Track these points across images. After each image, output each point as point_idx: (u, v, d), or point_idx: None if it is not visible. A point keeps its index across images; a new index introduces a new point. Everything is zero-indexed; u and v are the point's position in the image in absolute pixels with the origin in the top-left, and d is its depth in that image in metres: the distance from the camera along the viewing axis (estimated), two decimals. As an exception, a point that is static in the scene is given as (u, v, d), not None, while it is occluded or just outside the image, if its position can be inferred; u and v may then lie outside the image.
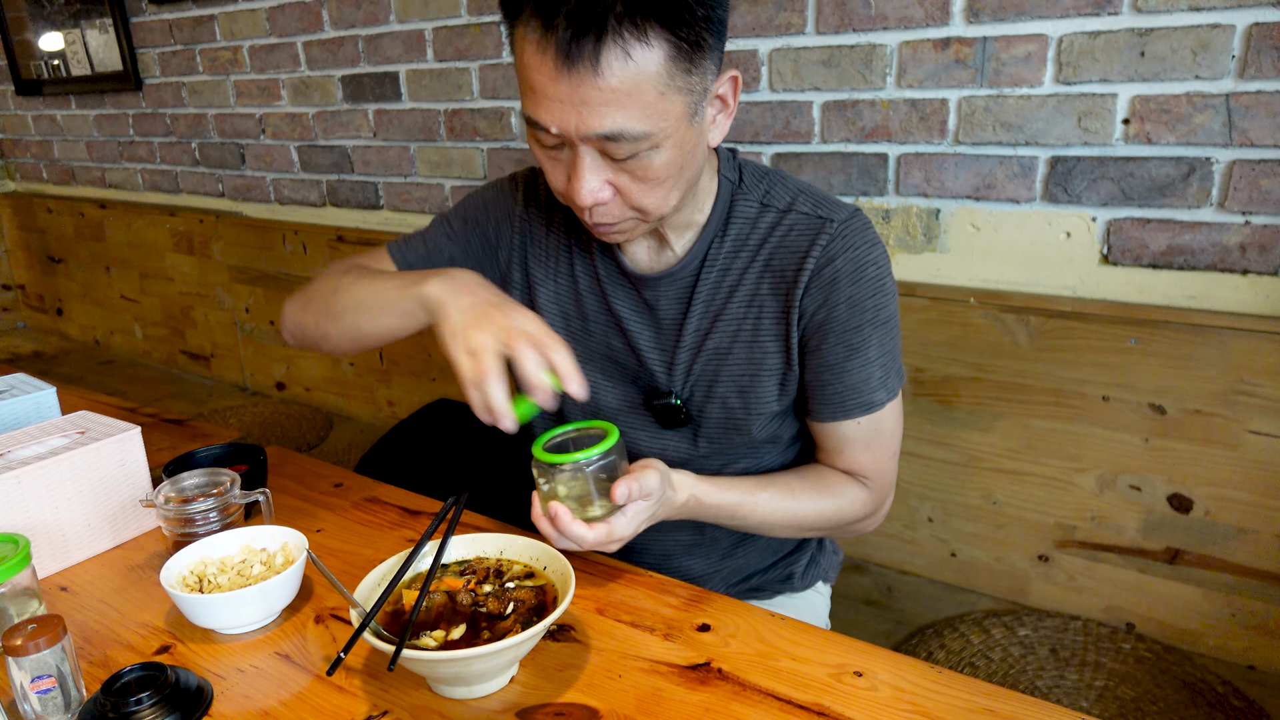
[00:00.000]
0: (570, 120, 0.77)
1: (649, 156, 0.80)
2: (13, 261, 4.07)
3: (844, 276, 0.92)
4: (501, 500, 1.20)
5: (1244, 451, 1.42)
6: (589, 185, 0.81)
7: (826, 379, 0.95)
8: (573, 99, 0.76)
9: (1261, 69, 1.32)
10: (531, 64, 0.77)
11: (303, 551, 0.89)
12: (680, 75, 0.77)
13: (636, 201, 0.84)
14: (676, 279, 0.97)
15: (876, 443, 0.99)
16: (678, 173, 0.84)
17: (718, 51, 0.81)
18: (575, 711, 0.74)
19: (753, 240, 0.95)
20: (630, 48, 0.73)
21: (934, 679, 0.77)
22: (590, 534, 0.81)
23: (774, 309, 0.95)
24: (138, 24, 3.00)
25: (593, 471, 0.81)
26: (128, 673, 0.75)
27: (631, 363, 1.02)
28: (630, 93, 0.75)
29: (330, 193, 2.72)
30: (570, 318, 1.04)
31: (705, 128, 0.85)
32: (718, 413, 0.99)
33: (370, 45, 2.41)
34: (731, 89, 0.86)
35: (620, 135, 0.77)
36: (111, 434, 1.04)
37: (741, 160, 0.99)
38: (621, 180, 0.82)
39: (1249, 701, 1.40)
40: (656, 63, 0.75)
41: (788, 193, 0.96)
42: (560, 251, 1.05)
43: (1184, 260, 1.46)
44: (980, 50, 1.53)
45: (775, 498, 0.96)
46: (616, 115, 0.76)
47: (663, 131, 0.79)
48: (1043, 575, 1.66)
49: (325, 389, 2.88)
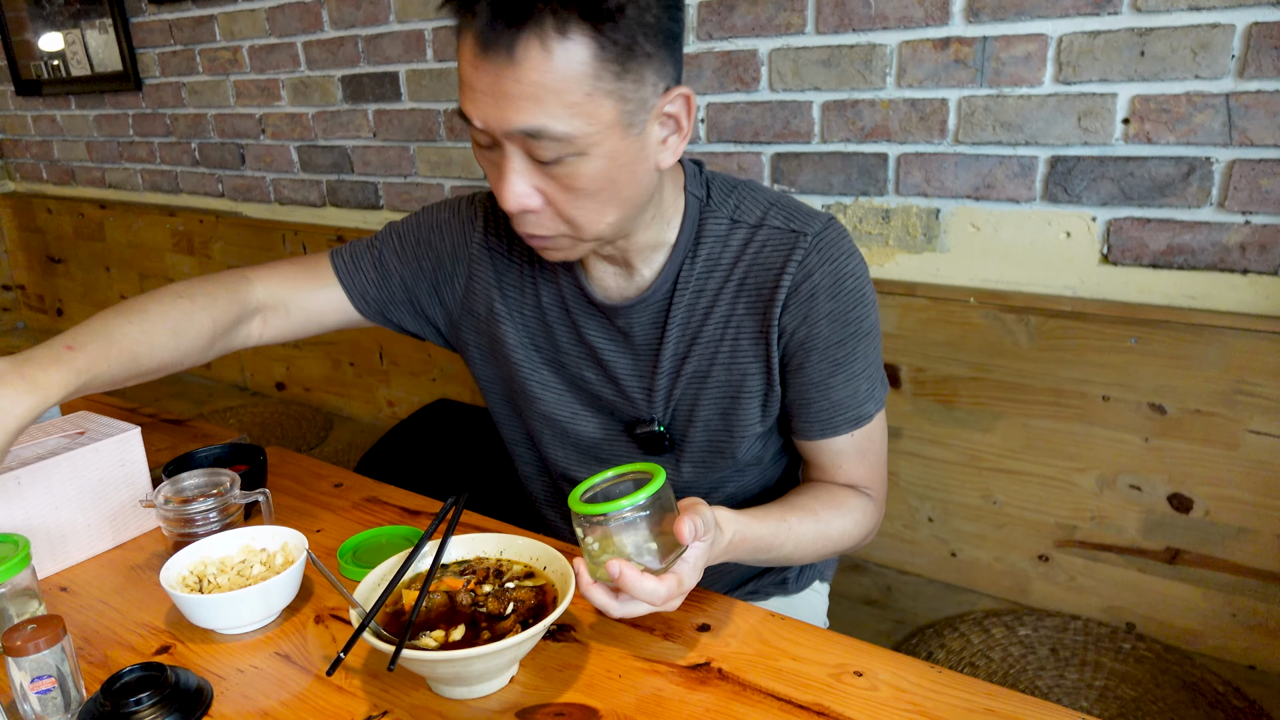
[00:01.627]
0: (491, 113, 0.75)
1: (576, 164, 0.77)
2: (13, 262, 4.07)
3: (823, 291, 0.89)
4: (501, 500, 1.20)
5: (1244, 451, 1.42)
6: (514, 188, 0.78)
7: (812, 396, 0.93)
8: (493, 91, 0.74)
9: (1261, 69, 1.32)
10: (461, 54, 0.75)
11: (303, 552, 0.89)
12: (609, 78, 0.74)
13: (566, 213, 0.81)
14: (649, 304, 0.94)
15: (870, 452, 0.98)
16: (610, 187, 0.80)
17: (661, 62, 0.77)
18: (575, 711, 0.74)
19: (725, 259, 0.93)
20: (548, 39, 0.71)
21: (934, 679, 0.77)
22: (663, 587, 0.71)
23: (752, 328, 0.92)
24: (138, 24, 3.00)
25: (649, 515, 0.72)
26: (128, 673, 0.74)
27: (609, 392, 1.00)
28: (552, 88, 0.72)
29: (330, 193, 2.72)
30: (542, 349, 1.02)
31: (650, 146, 0.81)
32: (701, 437, 0.98)
33: (370, 45, 2.41)
34: (684, 108, 0.81)
35: (541, 133, 0.74)
36: (111, 434, 1.04)
37: (709, 174, 0.96)
38: (550, 188, 0.79)
39: (1249, 701, 1.40)
40: (580, 61, 0.72)
41: (758, 206, 0.93)
42: (525, 283, 1.01)
43: (1184, 260, 1.46)
44: (980, 50, 1.53)
45: (803, 521, 0.91)
46: (535, 111, 0.73)
47: (588, 137, 0.75)
48: (1043, 575, 1.66)
49: (325, 389, 2.88)
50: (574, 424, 1.03)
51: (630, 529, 0.71)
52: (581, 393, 1.02)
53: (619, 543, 0.72)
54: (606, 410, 1.01)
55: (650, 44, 0.75)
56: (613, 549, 0.72)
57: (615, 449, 1.03)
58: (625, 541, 0.72)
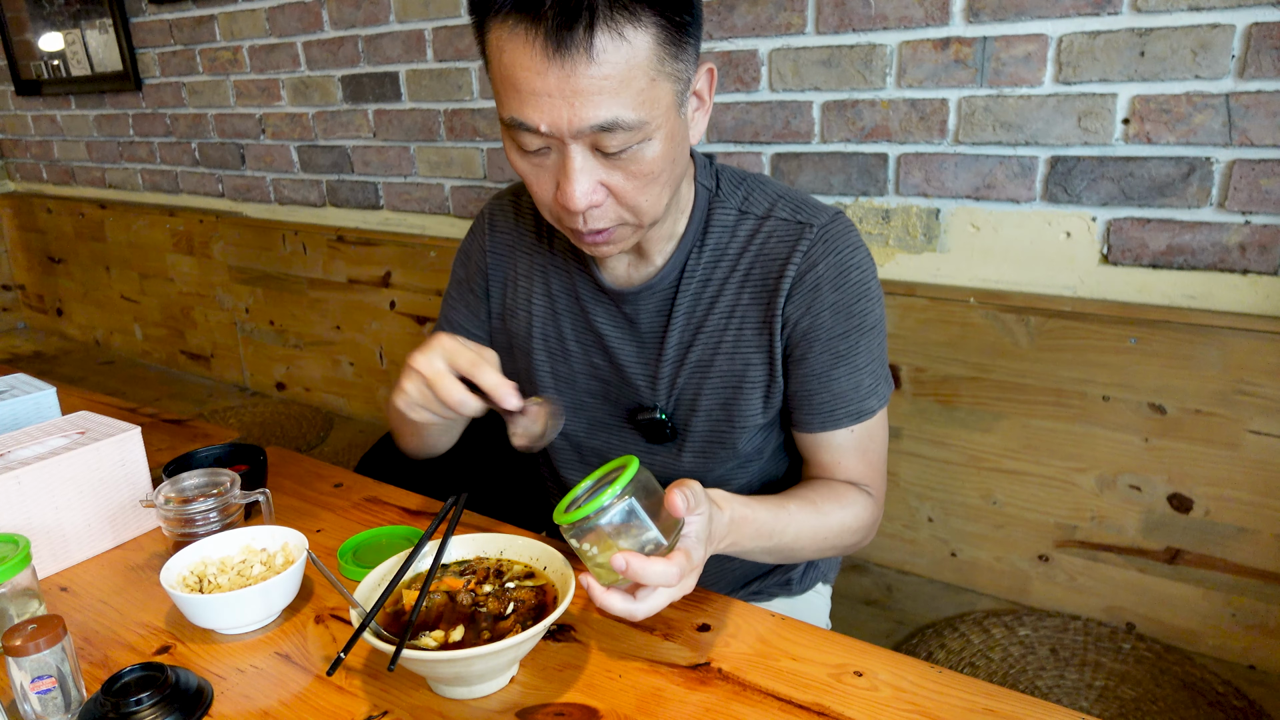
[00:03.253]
0: (562, 115, 0.73)
1: (642, 150, 0.77)
2: (13, 261, 4.07)
3: (827, 282, 0.90)
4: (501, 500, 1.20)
5: (1244, 451, 1.42)
6: (581, 187, 0.77)
7: (813, 388, 0.93)
8: (564, 91, 0.72)
9: (1261, 69, 1.32)
10: (515, 60, 0.73)
11: (303, 552, 0.89)
12: (669, 60, 0.74)
13: (631, 201, 0.80)
14: (655, 291, 0.95)
15: (871, 450, 0.97)
16: (669, 167, 0.80)
17: (698, 39, 0.78)
18: (575, 711, 0.74)
19: (732, 249, 0.93)
20: (623, 29, 0.70)
21: (934, 679, 0.77)
22: (673, 566, 0.69)
23: (756, 319, 0.93)
24: (138, 24, 3.00)
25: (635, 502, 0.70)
26: (128, 673, 0.74)
27: (614, 379, 1.00)
28: (624, 79, 0.72)
29: (330, 193, 2.72)
30: (549, 338, 1.03)
31: (688, 123, 0.83)
32: (702, 426, 0.98)
33: (370, 45, 2.41)
34: (708, 83, 0.83)
35: (615, 125, 0.73)
36: (111, 434, 1.04)
37: (718, 167, 0.97)
38: (614, 179, 0.78)
39: (1249, 701, 1.40)
40: (648, 46, 0.72)
41: (766, 198, 0.94)
42: (534, 273, 1.03)
43: (1184, 260, 1.46)
44: (980, 50, 1.53)
45: (802, 509, 0.89)
46: (611, 104, 0.72)
47: (655, 121, 0.75)
48: (1043, 575, 1.66)
49: (325, 389, 2.88)
50: (580, 412, 1.04)
51: (621, 522, 0.70)
52: (589, 379, 1.02)
53: (615, 539, 0.71)
54: (612, 396, 1.02)
55: (693, 20, 0.76)
56: (612, 547, 0.71)
57: (618, 437, 1.03)
58: (621, 535, 0.71)
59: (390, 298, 2.57)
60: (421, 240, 2.46)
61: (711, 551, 0.78)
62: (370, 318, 2.66)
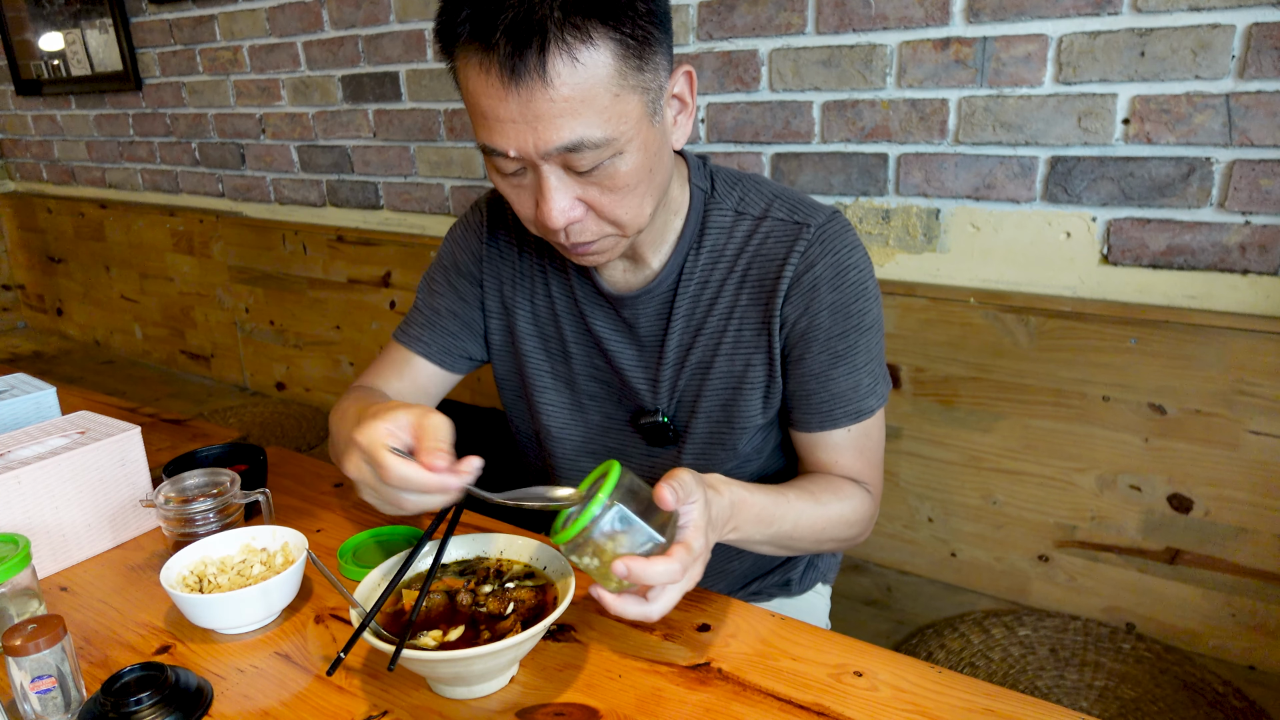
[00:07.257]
0: (527, 139, 0.74)
1: (615, 164, 0.77)
2: (13, 261, 4.07)
3: (825, 282, 0.90)
4: (501, 500, 1.20)
5: (1244, 451, 1.42)
6: (558, 205, 0.78)
7: (812, 388, 0.93)
8: (525, 116, 0.72)
9: (1261, 69, 1.32)
10: (478, 89, 0.74)
11: (303, 551, 0.89)
12: (632, 74, 0.74)
13: (611, 214, 0.80)
14: (654, 295, 0.95)
15: (869, 450, 0.97)
16: (648, 177, 0.80)
17: (666, 46, 0.78)
18: (575, 711, 0.74)
19: (729, 250, 0.93)
20: (575, 51, 0.70)
21: (934, 679, 0.77)
22: (674, 561, 0.69)
23: (754, 319, 0.93)
24: (138, 24, 3.00)
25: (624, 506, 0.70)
26: (128, 673, 0.74)
27: (615, 383, 1.01)
28: (584, 99, 0.72)
29: (330, 193, 2.72)
30: (549, 340, 1.03)
31: (668, 129, 0.82)
32: (703, 427, 0.98)
33: (370, 45, 2.41)
34: (687, 86, 0.83)
35: (581, 145, 0.74)
36: (111, 434, 1.04)
37: (713, 167, 0.97)
38: (591, 194, 0.79)
39: (1249, 702, 1.40)
40: (606, 63, 0.72)
41: (762, 198, 0.94)
42: (535, 274, 1.03)
43: (1184, 260, 1.46)
44: (980, 50, 1.53)
45: (801, 498, 0.89)
46: (574, 124, 0.73)
47: (624, 135, 0.75)
48: (1043, 575, 1.66)
49: (325, 389, 2.88)
50: (581, 416, 1.04)
51: (614, 529, 0.70)
52: (589, 383, 1.02)
53: (613, 546, 0.71)
54: (614, 400, 1.02)
55: (658, 29, 0.76)
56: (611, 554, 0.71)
57: (620, 440, 1.03)
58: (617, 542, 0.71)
59: (390, 298, 2.57)
60: (421, 240, 2.46)
61: (717, 538, 0.77)
62: (370, 318, 2.66)
